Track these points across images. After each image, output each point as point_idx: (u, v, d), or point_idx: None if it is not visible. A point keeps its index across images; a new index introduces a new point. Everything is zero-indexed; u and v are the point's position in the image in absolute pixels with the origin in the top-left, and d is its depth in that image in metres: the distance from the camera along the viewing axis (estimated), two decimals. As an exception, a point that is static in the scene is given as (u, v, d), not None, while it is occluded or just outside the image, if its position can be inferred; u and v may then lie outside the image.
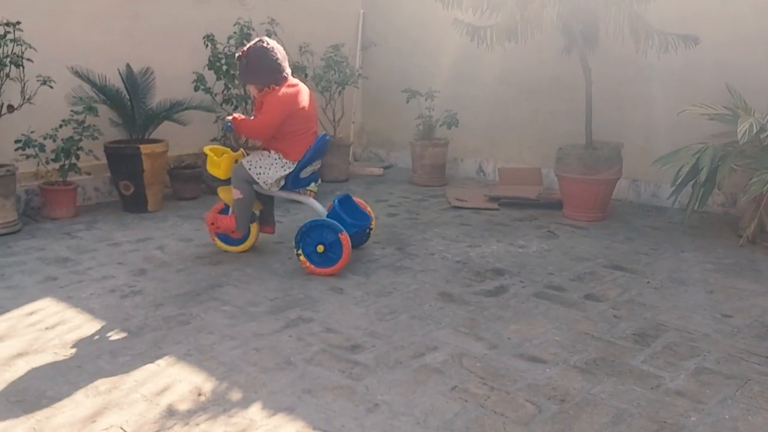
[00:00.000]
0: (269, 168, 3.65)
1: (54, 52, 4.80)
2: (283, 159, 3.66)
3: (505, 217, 4.93)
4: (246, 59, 3.56)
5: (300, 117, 3.63)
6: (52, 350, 2.69)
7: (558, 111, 5.75)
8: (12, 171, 4.33)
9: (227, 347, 2.73)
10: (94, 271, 3.66)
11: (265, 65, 3.54)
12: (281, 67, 3.59)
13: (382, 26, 6.97)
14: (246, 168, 3.66)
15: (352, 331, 2.89)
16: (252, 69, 3.56)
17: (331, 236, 3.57)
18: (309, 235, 3.61)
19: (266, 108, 3.58)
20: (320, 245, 3.59)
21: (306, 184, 3.79)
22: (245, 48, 3.60)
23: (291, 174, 3.67)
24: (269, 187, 3.70)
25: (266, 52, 3.55)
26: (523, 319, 3.04)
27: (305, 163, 3.69)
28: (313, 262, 3.61)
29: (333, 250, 3.58)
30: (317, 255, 3.60)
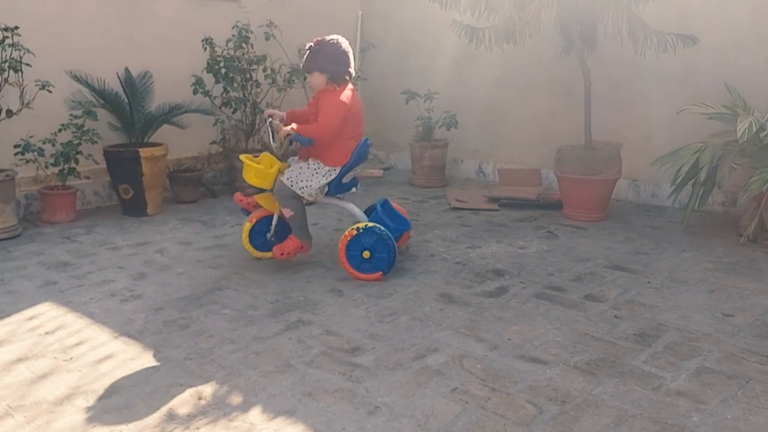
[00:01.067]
0: (311, 179, 3.59)
1: (53, 56, 4.80)
2: (324, 167, 3.60)
3: (505, 217, 4.93)
4: (318, 47, 3.55)
5: (352, 120, 3.59)
6: (52, 355, 2.68)
7: (557, 111, 5.75)
8: (11, 176, 4.33)
9: (227, 351, 2.73)
10: (93, 276, 3.65)
11: (336, 53, 3.54)
12: (348, 62, 3.58)
13: (380, 28, 6.97)
14: (288, 185, 3.58)
15: (352, 334, 2.89)
16: (323, 56, 3.53)
17: (372, 238, 3.52)
18: (354, 240, 3.55)
19: (328, 110, 3.53)
20: (366, 251, 3.53)
21: (347, 189, 3.75)
22: (319, 38, 3.59)
23: (334, 179, 3.62)
24: (315, 197, 3.66)
25: (340, 46, 3.57)
26: (524, 320, 3.04)
27: (349, 167, 3.64)
28: (362, 270, 3.55)
29: (378, 251, 3.52)
30: (363, 261, 3.54)
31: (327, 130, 3.53)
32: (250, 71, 5.65)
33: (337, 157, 3.60)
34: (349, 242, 3.55)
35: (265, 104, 5.85)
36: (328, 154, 3.60)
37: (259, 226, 3.86)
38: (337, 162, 3.61)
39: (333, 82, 3.57)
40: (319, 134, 3.54)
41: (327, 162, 3.62)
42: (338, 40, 3.59)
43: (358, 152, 3.65)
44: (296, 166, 3.65)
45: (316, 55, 3.55)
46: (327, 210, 5.11)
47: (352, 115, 3.60)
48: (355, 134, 3.64)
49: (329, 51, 3.54)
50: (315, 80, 3.62)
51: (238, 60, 5.55)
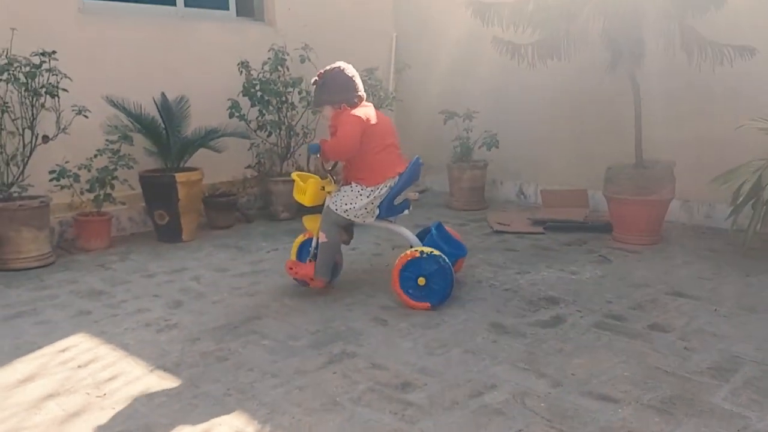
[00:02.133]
0: (354, 200, 3.46)
1: (89, 81, 4.76)
2: (366, 187, 3.47)
3: (552, 241, 4.70)
4: (321, 80, 3.50)
5: (373, 134, 3.45)
6: (84, 390, 2.54)
7: (602, 129, 5.52)
8: (46, 202, 4.26)
9: (268, 386, 2.55)
10: (128, 304, 3.52)
11: (340, 82, 3.47)
12: (355, 86, 3.50)
13: (415, 48, 6.85)
14: (333, 210, 3.49)
15: (400, 367, 2.69)
16: (327, 87, 3.48)
17: (433, 266, 3.32)
18: (413, 263, 3.36)
19: (341, 126, 3.43)
20: (421, 277, 3.33)
21: (400, 211, 3.59)
22: (322, 71, 3.53)
23: (385, 201, 3.48)
24: (363, 219, 3.52)
25: (341, 72, 3.49)
26: (586, 353, 2.80)
27: (402, 186, 3.49)
28: (411, 296, 3.36)
29: (435, 281, 3.32)
30: (417, 288, 3.34)
31: (346, 140, 3.40)
32: (286, 94, 5.55)
33: (375, 175, 3.46)
34: (407, 264, 3.35)
35: (300, 127, 5.74)
36: (365, 173, 3.47)
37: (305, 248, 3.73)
38: (378, 180, 3.46)
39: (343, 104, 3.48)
40: (338, 146, 3.44)
41: (368, 183, 3.48)
42: (341, 68, 3.51)
43: (410, 171, 3.49)
44: (341, 192, 3.53)
45: (323, 88, 3.50)
46: (366, 235, 4.94)
47: (373, 128, 3.46)
48: (384, 145, 3.49)
49: (334, 81, 3.48)
50: (327, 113, 3.57)
51: (273, 83, 5.46)
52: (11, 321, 3.29)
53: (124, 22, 5.07)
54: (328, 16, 6.35)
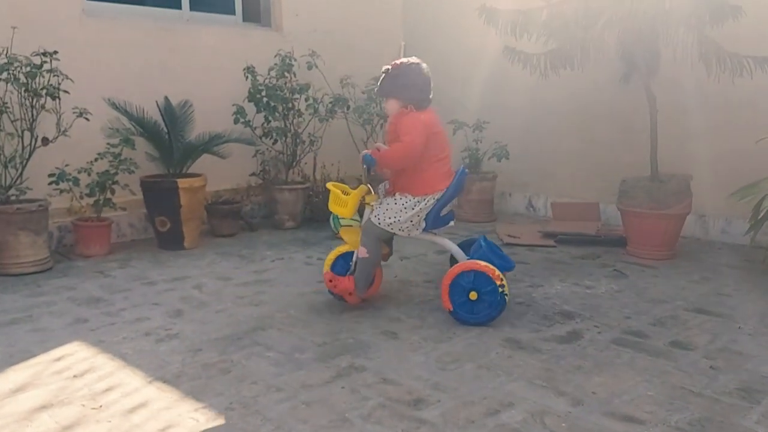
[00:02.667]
0: (399, 213, 3.25)
1: (91, 83, 4.66)
2: (412, 198, 3.26)
3: (564, 254, 4.57)
4: (397, 71, 3.28)
5: (435, 142, 3.27)
6: (79, 402, 2.40)
7: (615, 141, 5.42)
8: (44, 206, 4.13)
9: (273, 400, 2.42)
10: (127, 313, 3.39)
11: (416, 80, 3.27)
12: (428, 89, 3.32)
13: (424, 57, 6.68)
14: (376, 224, 3.28)
15: (412, 383, 2.55)
16: (400, 81, 3.26)
17: (487, 282, 3.12)
18: (459, 280, 3.17)
19: (407, 129, 3.20)
20: (473, 292, 3.14)
21: (445, 222, 3.39)
22: (398, 62, 3.32)
23: (431, 212, 3.28)
24: (408, 232, 3.31)
25: (420, 69, 3.30)
26: (607, 370, 2.67)
27: (449, 198, 3.30)
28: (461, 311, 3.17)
29: (488, 297, 3.13)
30: (468, 303, 3.15)
31: (413, 147, 3.18)
32: (292, 100, 5.45)
33: (425, 185, 3.26)
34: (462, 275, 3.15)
35: (306, 135, 5.63)
36: (415, 183, 3.27)
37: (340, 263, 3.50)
38: (427, 190, 3.26)
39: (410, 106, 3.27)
40: (403, 154, 3.21)
41: (416, 192, 3.26)
42: (420, 65, 3.31)
43: (457, 182, 3.30)
44: (384, 203, 3.32)
45: (395, 80, 3.27)
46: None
47: (434, 136, 3.26)
48: (441, 157, 3.30)
49: (410, 77, 3.26)
50: (390, 106, 3.34)
51: (280, 89, 5.35)
52: (6, 328, 3.15)
53: (128, 25, 4.97)
54: (335, 23, 6.26)
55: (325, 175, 5.89)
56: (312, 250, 4.74)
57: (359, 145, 6.01)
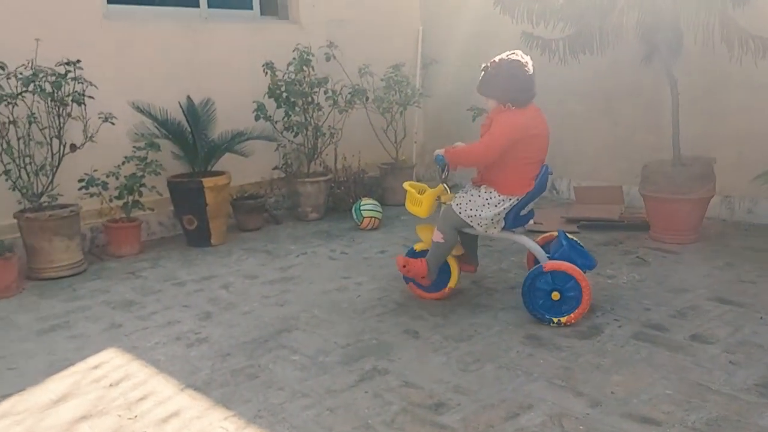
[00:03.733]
0: (482, 208, 3.20)
1: (115, 88, 4.75)
2: (498, 195, 3.19)
3: (587, 241, 4.55)
4: (496, 69, 3.17)
5: (531, 144, 3.17)
6: (116, 412, 2.52)
7: (637, 124, 5.36)
8: (76, 211, 4.27)
9: (299, 407, 2.51)
10: (159, 316, 3.51)
11: (516, 80, 3.14)
12: (530, 87, 3.18)
13: (442, 42, 6.72)
14: (456, 212, 3.25)
15: (433, 386, 2.62)
16: (500, 81, 3.15)
17: (569, 282, 3.09)
18: (532, 291, 3.15)
19: (494, 128, 3.14)
20: (555, 292, 3.12)
21: (525, 221, 3.32)
22: (498, 58, 3.21)
23: (512, 211, 3.21)
24: (486, 229, 3.25)
25: (521, 67, 3.16)
26: (626, 368, 2.71)
27: (531, 197, 3.22)
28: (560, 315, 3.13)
29: (571, 297, 3.10)
30: (550, 302, 3.13)
31: (485, 148, 3.14)
32: (311, 94, 5.49)
33: (513, 184, 3.18)
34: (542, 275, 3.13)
35: (326, 127, 5.68)
36: (503, 180, 3.19)
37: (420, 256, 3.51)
38: (514, 191, 3.19)
39: (510, 104, 3.18)
40: (473, 154, 3.21)
41: (501, 190, 3.20)
42: (522, 63, 3.17)
43: (540, 181, 3.20)
44: (468, 193, 3.30)
45: (495, 80, 3.17)
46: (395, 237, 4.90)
47: (531, 138, 3.15)
48: (534, 160, 3.20)
49: (506, 76, 3.14)
50: (490, 105, 3.26)
51: (299, 83, 5.40)
52: (45, 335, 3.30)
53: (148, 26, 5.04)
54: (353, 12, 6.25)
55: (346, 166, 5.95)
56: (335, 243, 4.82)
57: (379, 134, 6.05)
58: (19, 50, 4.18)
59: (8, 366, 2.96)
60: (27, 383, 2.79)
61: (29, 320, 3.52)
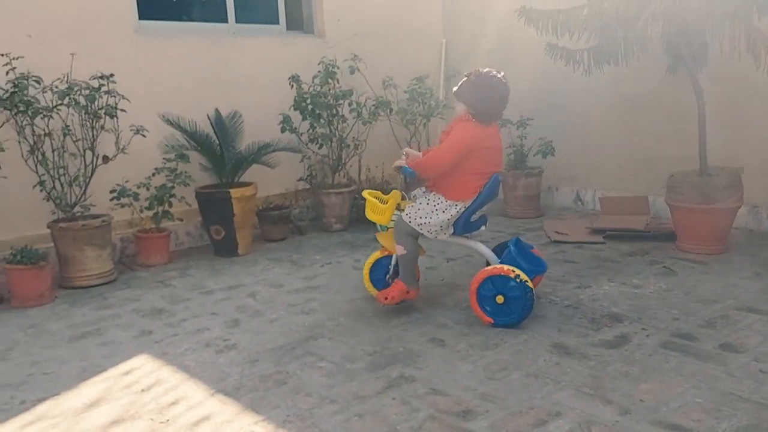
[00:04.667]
0: (431, 215, 3.34)
1: (146, 101, 4.86)
2: (445, 201, 3.34)
3: (613, 251, 4.56)
4: (478, 78, 3.30)
5: (481, 157, 3.29)
6: (148, 416, 2.57)
7: (662, 134, 5.34)
8: (107, 221, 4.36)
9: (327, 412, 2.54)
10: (188, 323, 3.57)
11: (490, 95, 3.27)
12: (500, 107, 3.32)
13: (466, 54, 6.76)
14: (407, 221, 3.38)
15: (460, 393, 2.63)
16: (477, 91, 3.27)
17: (509, 283, 3.21)
18: (486, 282, 3.26)
19: (451, 138, 3.29)
20: (500, 295, 3.23)
21: (476, 227, 3.46)
22: (484, 70, 3.35)
23: (461, 217, 3.36)
24: (435, 235, 3.39)
25: (500, 85, 3.30)
26: (654, 376, 2.69)
27: (479, 204, 3.36)
28: (486, 312, 3.27)
29: (514, 302, 3.21)
30: (494, 305, 3.25)
31: (439, 158, 3.28)
32: (336, 106, 5.56)
33: (460, 191, 3.33)
34: (486, 281, 3.25)
35: (351, 139, 5.74)
36: (449, 187, 3.34)
37: (381, 266, 3.70)
38: (459, 196, 3.33)
39: (474, 117, 3.30)
40: (430, 163, 3.33)
41: (449, 196, 3.34)
42: (500, 79, 3.31)
43: (489, 188, 3.35)
44: (416, 203, 3.42)
45: (473, 87, 3.29)
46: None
47: (483, 151, 3.29)
48: (482, 171, 3.32)
49: (489, 91, 3.27)
50: (458, 108, 3.39)
51: (324, 96, 5.47)
52: (77, 342, 3.37)
53: (178, 41, 5.16)
54: (377, 25, 6.33)
55: (370, 178, 6.00)
56: (359, 254, 4.86)
57: (403, 146, 6.09)
58: (55, 65, 4.32)
59: (43, 371, 3.03)
60: (61, 388, 2.85)
61: (62, 327, 3.60)
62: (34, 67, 4.21)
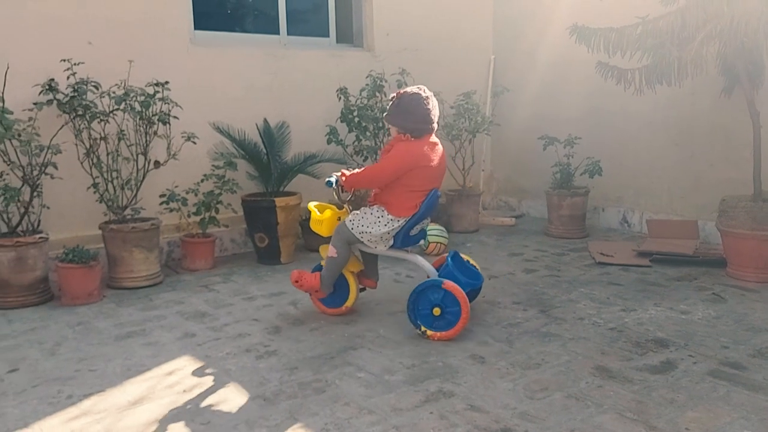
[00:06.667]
0: (373, 226, 3.48)
1: (197, 108, 4.99)
2: (387, 215, 3.47)
3: (659, 275, 4.45)
4: (399, 100, 3.42)
5: (420, 176, 3.41)
6: (188, 417, 2.61)
7: (715, 157, 5.21)
8: (156, 225, 4.47)
9: (365, 423, 2.53)
10: (230, 328, 3.62)
11: (415, 111, 3.37)
12: (429, 120, 3.41)
13: (515, 71, 6.74)
14: (349, 228, 3.51)
15: (499, 411, 2.60)
16: (400, 111, 3.40)
17: (455, 306, 3.32)
18: (421, 298, 3.39)
19: (390, 156, 3.43)
20: (436, 308, 3.35)
21: (415, 241, 3.61)
22: (403, 90, 3.48)
23: (401, 232, 3.49)
24: (375, 245, 3.53)
25: (420, 100, 3.39)
26: (701, 405, 2.61)
27: (417, 219, 3.49)
28: (431, 328, 3.38)
29: (451, 311, 3.33)
30: (434, 319, 3.36)
31: (375, 174, 3.47)
32: (382, 120, 5.59)
33: (401, 207, 3.45)
34: (420, 294, 3.39)
35: (396, 152, 5.76)
36: (393, 203, 3.47)
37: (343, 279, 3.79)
38: (401, 213, 3.46)
39: (408, 135, 3.42)
40: (365, 178, 3.50)
41: (391, 211, 3.47)
42: (422, 96, 3.40)
43: (427, 204, 3.46)
44: (361, 211, 3.55)
45: (397, 110, 3.42)
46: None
47: (423, 170, 3.40)
48: (421, 189, 3.44)
49: (409, 108, 3.38)
50: (392, 132, 3.54)
51: (371, 109, 5.52)
52: (123, 341, 3.45)
53: (231, 51, 5.28)
54: (426, 40, 6.37)
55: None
56: (400, 267, 4.86)
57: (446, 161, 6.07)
58: (113, 71, 4.47)
59: (89, 367, 3.11)
60: (106, 385, 2.92)
61: (108, 326, 3.69)
62: (93, 72, 4.37)
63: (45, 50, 4.38)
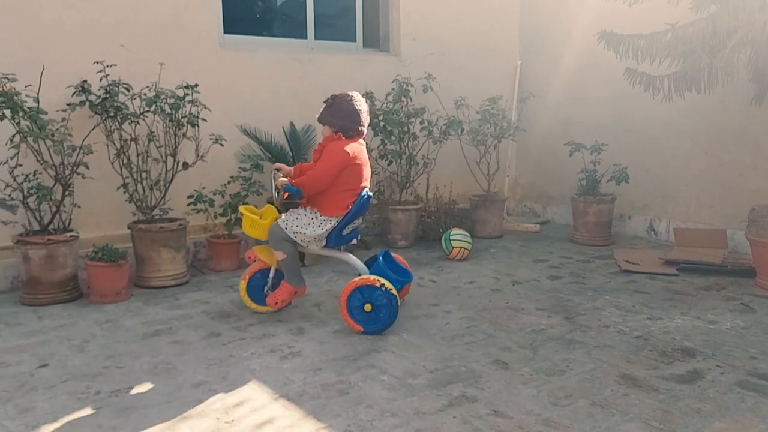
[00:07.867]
0: (307, 227, 3.63)
1: (225, 111, 5.05)
2: (320, 216, 3.64)
3: (686, 284, 4.40)
4: (332, 101, 3.65)
5: (356, 173, 3.62)
6: (214, 415, 2.64)
7: (744, 166, 5.14)
8: (184, 225, 4.53)
9: (388, 425, 2.54)
10: (254, 328, 3.66)
11: (346, 110, 3.61)
12: (359, 120, 3.64)
13: (541, 77, 6.72)
14: (282, 227, 3.65)
15: (523, 417, 2.59)
16: (333, 110, 3.62)
17: (380, 295, 3.48)
18: (356, 292, 3.52)
19: (325, 156, 3.60)
20: (368, 304, 3.49)
21: (347, 240, 3.78)
22: (338, 93, 3.69)
23: (334, 231, 3.65)
24: (308, 245, 3.68)
25: (350, 101, 3.64)
26: (729, 415, 2.58)
27: (349, 219, 3.66)
28: (357, 320, 3.52)
29: (381, 310, 3.49)
30: (363, 313, 3.51)
31: (319, 177, 3.58)
32: (408, 124, 5.61)
33: (333, 207, 3.62)
34: (355, 291, 3.52)
35: (420, 156, 5.78)
36: (324, 204, 3.63)
37: (256, 280, 3.92)
38: (334, 213, 3.63)
39: (340, 133, 3.61)
40: (310, 182, 3.60)
41: (323, 212, 3.64)
42: (351, 98, 3.65)
43: (359, 204, 3.64)
44: (294, 212, 3.69)
45: (330, 110, 3.64)
46: (483, 268, 4.88)
47: (353, 168, 3.60)
48: (354, 188, 3.63)
49: (341, 108, 3.62)
50: (325, 132, 3.71)
51: (396, 113, 5.53)
52: (150, 339, 3.51)
53: (259, 55, 5.34)
54: (452, 46, 6.38)
55: (438, 196, 6.01)
56: (424, 271, 4.86)
57: (472, 166, 6.08)
58: (144, 73, 4.55)
59: (117, 364, 3.16)
60: (133, 382, 2.97)
61: (136, 324, 3.75)
62: (125, 75, 4.46)
63: (79, 53, 4.48)
